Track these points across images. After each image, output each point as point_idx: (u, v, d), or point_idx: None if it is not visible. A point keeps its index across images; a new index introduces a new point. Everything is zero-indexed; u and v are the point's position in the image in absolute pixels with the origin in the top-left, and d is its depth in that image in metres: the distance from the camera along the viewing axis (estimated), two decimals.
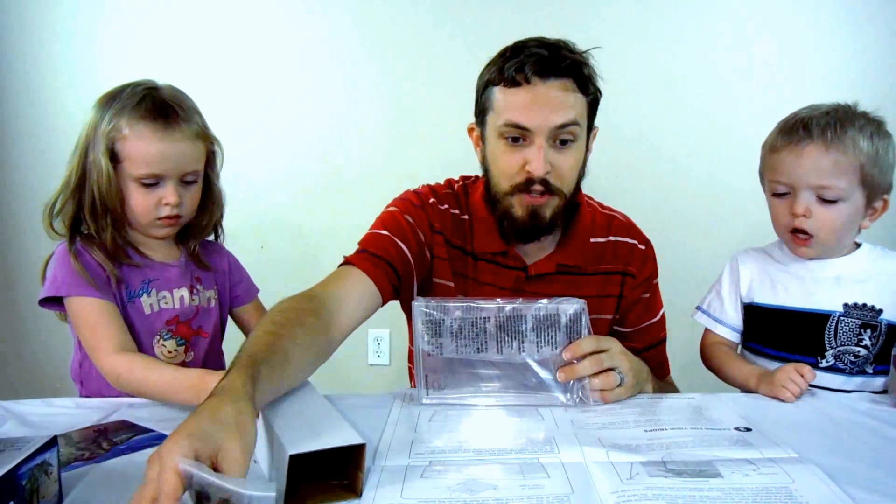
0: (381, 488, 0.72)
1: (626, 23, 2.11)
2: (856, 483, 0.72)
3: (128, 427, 0.92)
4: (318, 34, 2.20)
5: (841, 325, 1.09)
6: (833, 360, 1.09)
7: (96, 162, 1.05)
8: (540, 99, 1.06)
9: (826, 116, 1.08)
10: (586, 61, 1.09)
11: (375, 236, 1.16)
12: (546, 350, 0.96)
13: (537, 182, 1.08)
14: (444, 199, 1.23)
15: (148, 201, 1.07)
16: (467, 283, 1.20)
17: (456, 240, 1.21)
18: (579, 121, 1.08)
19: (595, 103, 1.12)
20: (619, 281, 1.22)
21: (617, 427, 0.89)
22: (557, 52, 1.07)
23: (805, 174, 1.07)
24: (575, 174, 1.12)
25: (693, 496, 0.68)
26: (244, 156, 2.18)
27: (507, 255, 1.18)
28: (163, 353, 1.12)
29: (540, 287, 1.18)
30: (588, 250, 1.21)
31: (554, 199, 1.10)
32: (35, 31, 2.21)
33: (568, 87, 1.07)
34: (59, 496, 0.69)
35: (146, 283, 1.12)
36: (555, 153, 1.08)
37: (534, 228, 1.12)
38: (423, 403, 0.99)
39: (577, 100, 1.08)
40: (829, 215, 1.07)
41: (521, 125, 1.06)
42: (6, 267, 2.22)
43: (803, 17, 2.08)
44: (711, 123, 2.12)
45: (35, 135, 2.19)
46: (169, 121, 1.06)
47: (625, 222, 1.26)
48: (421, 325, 0.97)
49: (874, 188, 1.07)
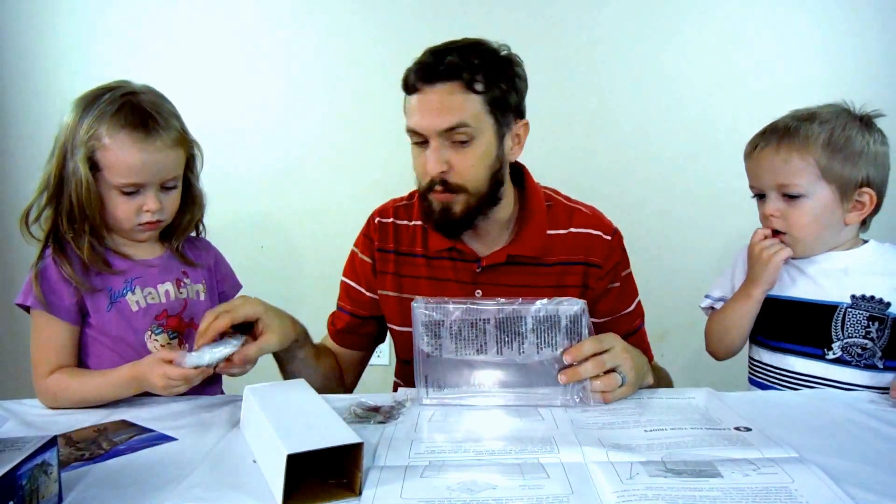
0: (380, 488, 0.72)
1: (625, 23, 2.11)
2: (856, 483, 0.72)
3: (128, 427, 0.92)
4: (318, 32, 2.19)
5: (848, 317, 1.09)
6: (840, 351, 1.09)
7: (75, 170, 1.05)
8: (425, 103, 1.13)
9: (789, 119, 1.12)
10: (481, 61, 1.12)
11: (344, 289, 1.36)
12: (546, 351, 0.96)
13: (437, 182, 1.14)
14: (395, 212, 1.33)
15: (129, 208, 1.08)
16: (421, 282, 1.27)
17: (404, 247, 1.30)
18: (469, 121, 1.11)
19: (500, 100, 1.14)
20: (581, 271, 1.24)
21: (617, 427, 0.89)
22: (441, 58, 1.12)
23: (763, 176, 1.13)
24: (479, 170, 1.15)
25: (693, 496, 0.68)
26: (242, 156, 2.18)
27: (459, 250, 1.24)
28: (156, 347, 1.13)
29: (494, 278, 1.23)
30: (545, 242, 1.24)
31: (460, 196, 1.15)
32: (34, 32, 2.21)
33: (453, 90, 1.11)
34: (58, 496, 0.69)
35: (129, 282, 1.13)
36: (452, 153, 1.13)
37: (449, 224, 1.18)
38: (423, 403, 0.99)
39: (466, 101, 1.11)
40: (796, 213, 1.10)
41: (414, 129, 1.14)
42: (6, 267, 2.22)
43: (803, 17, 2.08)
44: (711, 123, 2.12)
45: (34, 136, 2.19)
46: (149, 129, 1.06)
47: (588, 214, 1.29)
48: (421, 325, 0.97)
49: (843, 181, 1.08)
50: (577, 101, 2.13)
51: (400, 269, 1.29)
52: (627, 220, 1.34)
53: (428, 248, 1.27)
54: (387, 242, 1.30)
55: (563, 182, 1.35)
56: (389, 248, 1.30)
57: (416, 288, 1.26)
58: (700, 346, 1.28)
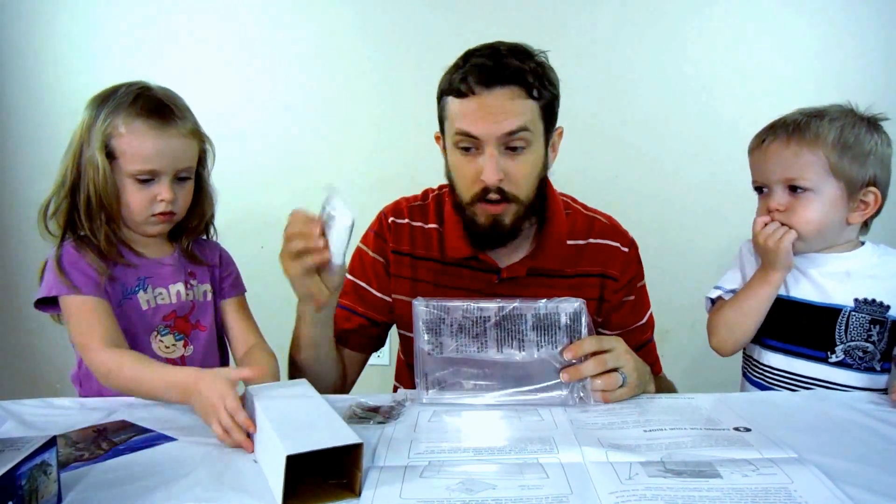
0: (380, 488, 0.72)
1: (625, 23, 2.11)
2: (855, 483, 0.72)
3: (127, 427, 0.92)
4: (318, 33, 2.19)
5: (852, 320, 1.09)
6: (843, 355, 1.09)
7: (92, 159, 1.06)
8: (485, 108, 1.08)
9: (798, 115, 1.12)
10: (535, 66, 1.10)
11: (352, 287, 1.28)
12: (546, 350, 0.96)
13: (493, 191, 1.10)
14: (410, 212, 1.28)
15: (143, 198, 1.08)
16: (437, 290, 1.23)
17: (420, 251, 1.25)
18: (529, 126, 1.09)
19: (550, 106, 1.13)
20: (598, 283, 1.23)
21: (616, 427, 0.89)
22: (500, 61, 1.08)
23: (771, 169, 1.11)
24: (532, 179, 1.13)
25: (692, 496, 0.69)
26: (244, 156, 2.18)
27: (479, 260, 1.21)
28: (161, 348, 1.13)
29: (513, 289, 1.20)
30: (564, 252, 1.22)
31: (512, 206, 1.12)
32: (35, 32, 2.21)
33: (514, 95, 1.08)
34: (58, 496, 0.69)
35: (141, 280, 1.13)
36: (507, 160, 1.10)
37: (498, 236, 1.15)
38: (423, 403, 0.99)
39: (524, 106, 1.09)
40: (802, 207, 1.09)
41: (470, 134, 1.09)
42: (6, 267, 2.22)
43: (804, 17, 2.08)
44: (712, 123, 2.11)
45: (35, 136, 2.19)
46: (165, 118, 1.08)
47: (607, 224, 1.27)
48: (421, 324, 0.97)
49: (851, 179, 1.08)
50: (578, 101, 2.13)
51: (416, 274, 1.25)
52: (627, 221, 1.33)
53: (445, 254, 1.23)
54: (401, 244, 1.26)
55: (563, 182, 1.35)
56: (405, 250, 1.26)
57: (430, 294, 1.21)
58: (701, 346, 1.27)
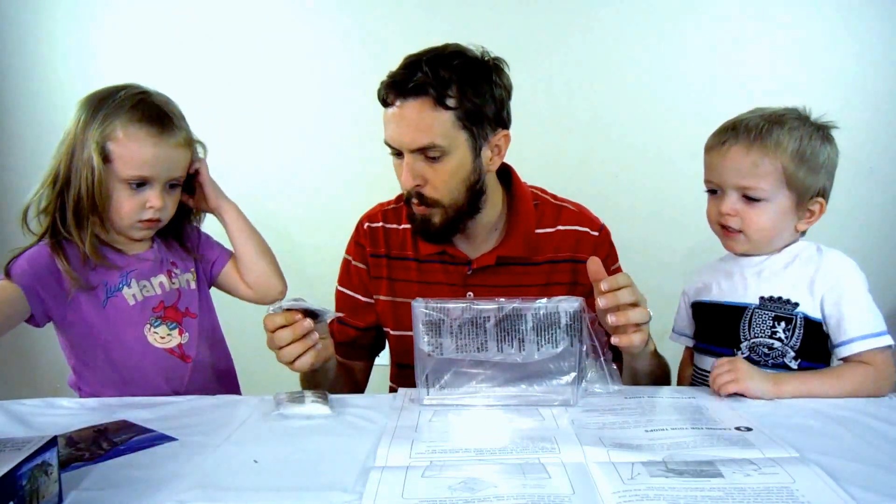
0: (381, 488, 0.72)
1: (625, 23, 2.11)
2: (857, 483, 0.72)
3: (128, 427, 0.92)
4: (314, 34, 2.19)
5: (755, 318, 1.11)
6: (748, 351, 1.11)
7: (87, 161, 1.06)
8: (399, 119, 1.11)
9: (759, 119, 1.11)
10: (452, 74, 1.09)
11: (341, 300, 1.33)
12: (546, 349, 0.96)
13: (413, 195, 1.14)
14: (384, 216, 1.32)
15: (133, 203, 1.09)
16: (414, 286, 1.26)
17: (395, 251, 1.30)
18: (439, 141, 1.10)
19: (472, 113, 1.11)
20: (569, 269, 1.25)
21: (618, 427, 0.89)
22: (412, 72, 1.09)
23: (727, 174, 1.11)
24: (454, 184, 1.14)
25: (694, 496, 0.68)
26: (241, 158, 2.18)
27: (450, 254, 1.24)
28: (156, 339, 1.14)
29: (485, 279, 1.24)
30: (532, 241, 1.24)
31: (435, 209, 1.15)
32: (32, 32, 2.21)
33: (424, 106, 1.09)
34: (58, 496, 0.69)
35: (125, 276, 1.13)
36: (426, 166, 1.13)
37: (431, 234, 1.19)
38: (424, 403, 0.99)
39: (434, 118, 1.09)
40: (755, 215, 1.10)
41: (389, 143, 1.13)
42: None
43: (803, 18, 2.08)
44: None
45: (32, 135, 2.19)
46: (163, 126, 1.09)
47: (575, 211, 1.29)
48: (421, 325, 0.97)
49: (802, 190, 1.09)
50: (577, 102, 2.13)
51: (392, 273, 1.29)
52: (627, 221, 1.34)
53: (418, 251, 1.27)
54: (378, 247, 1.31)
55: (563, 183, 1.35)
56: (381, 252, 1.30)
57: (408, 292, 1.25)
58: None
